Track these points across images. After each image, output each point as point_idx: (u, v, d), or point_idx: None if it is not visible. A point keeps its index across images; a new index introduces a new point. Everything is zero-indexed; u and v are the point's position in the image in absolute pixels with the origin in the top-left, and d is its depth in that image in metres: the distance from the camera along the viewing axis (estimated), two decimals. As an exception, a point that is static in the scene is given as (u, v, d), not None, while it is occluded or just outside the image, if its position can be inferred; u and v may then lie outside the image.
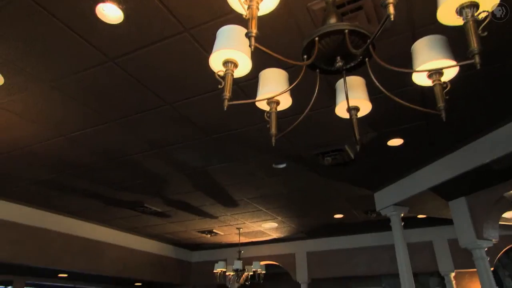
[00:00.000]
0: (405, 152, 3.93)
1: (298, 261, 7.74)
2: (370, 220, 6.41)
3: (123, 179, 4.59)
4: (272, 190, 5.02)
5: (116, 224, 6.62)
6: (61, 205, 5.57)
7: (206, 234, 7.30)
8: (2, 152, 3.79)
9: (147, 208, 5.63)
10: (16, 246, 5.26)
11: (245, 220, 6.43)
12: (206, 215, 6.09)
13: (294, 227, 6.89)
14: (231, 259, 6.95)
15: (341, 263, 7.37)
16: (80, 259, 6.16)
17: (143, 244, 7.53)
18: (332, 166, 4.20)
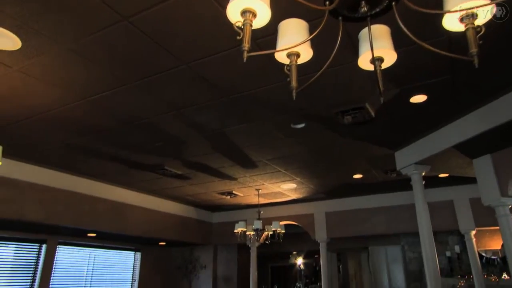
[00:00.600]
0: (428, 109, 3.81)
1: (317, 221, 7.88)
2: (390, 180, 6.38)
3: (144, 142, 4.66)
4: (290, 150, 5.02)
5: (138, 186, 6.83)
6: (86, 169, 5.75)
7: (226, 196, 7.46)
8: (26, 117, 3.88)
9: (168, 170, 5.74)
10: (47, 208, 5.52)
11: (264, 182, 6.51)
12: (226, 177, 6.18)
13: (313, 187, 6.94)
14: (251, 219, 7.12)
15: (360, 223, 7.46)
16: (106, 219, 6.43)
17: (166, 205, 7.78)
18: (352, 125, 4.13)
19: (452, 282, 7.39)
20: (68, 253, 7.24)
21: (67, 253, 7.20)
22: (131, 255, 8.63)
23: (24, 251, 6.50)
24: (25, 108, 3.68)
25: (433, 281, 4.27)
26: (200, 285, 8.87)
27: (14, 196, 5.14)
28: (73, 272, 7.27)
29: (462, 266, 7.72)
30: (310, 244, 10.17)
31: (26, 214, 5.24)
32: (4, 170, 4.92)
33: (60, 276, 6.97)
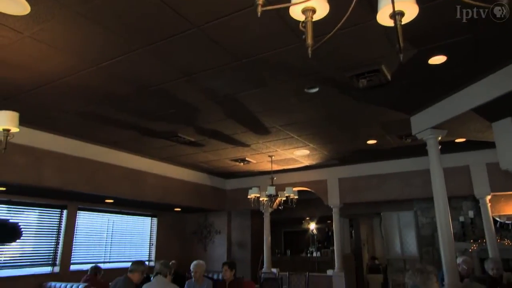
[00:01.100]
0: (448, 70, 3.67)
1: (330, 187, 7.92)
2: (404, 146, 6.30)
3: (156, 109, 4.66)
4: (304, 116, 4.96)
5: (153, 154, 6.91)
6: (101, 137, 5.83)
7: (239, 163, 7.51)
8: (39, 85, 3.89)
9: (181, 137, 5.78)
10: (65, 175, 5.66)
11: (277, 148, 6.51)
12: (238, 144, 6.20)
13: (326, 154, 6.93)
14: (264, 185, 7.18)
15: (373, 188, 7.47)
16: (122, 186, 6.59)
17: (180, 172, 7.91)
18: (367, 89, 4.03)
19: (464, 246, 7.44)
20: (88, 218, 7.50)
21: (87, 218, 7.46)
22: (148, 220, 8.91)
23: (47, 216, 6.76)
24: (38, 76, 3.68)
25: (447, 245, 4.30)
26: (215, 250, 9.15)
27: (32, 163, 5.27)
28: (93, 236, 7.57)
29: (475, 231, 7.74)
30: (322, 210, 10.29)
31: (44, 180, 5.40)
32: (22, 138, 5.00)
33: (81, 239, 7.27)
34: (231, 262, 5.34)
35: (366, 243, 12.47)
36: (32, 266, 6.41)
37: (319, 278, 7.66)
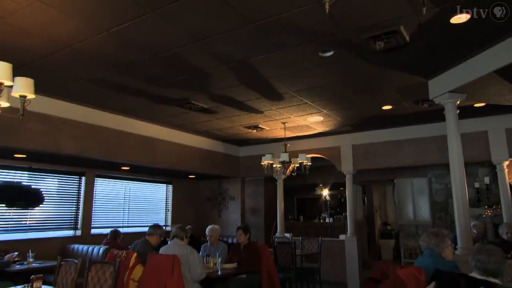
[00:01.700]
0: (470, 30, 3.50)
1: (343, 154, 7.89)
2: (420, 111, 6.16)
3: (168, 75, 4.63)
4: (318, 81, 4.87)
5: (166, 121, 6.95)
6: (114, 104, 5.86)
7: (252, 130, 7.51)
8: (51, 52, 3.89)
9: (194, 104, 5.76)
10: (81, 142, 5.77)
11: (290, 115, 6.46)
12: (252, 110, 6.16)
13: (340, 120, 6.84)
14: (277, 152, 7.19)
15: (387, 155, 7.41)
16: (137, 153, 6.69)
17: (193, 140, 7.96)
18: (383, 51, 3.89)
19: (479, 212, 7.42)
20: (106, 185, 7.71)
21: (104, 185, 7.66)
22: (163, 187, 9.10)
23: (67, 183, 6.97)
24: (49, 42, 3.67)
25: (461, 211, 4.28)
26: (229, 215, 9.36)
27: (49, 131, 5.37)
28: (111, 202, 7.81)
29: (490, 197, 7.68)
30: (335, 177, 10.32)
31: (61, 148, 5.51)
32: (39, 106, 5.07)
33: (100, 205, 7.50)
34: (245, 226, 5.47)
35: (378, 209, 12.57)
36: (56, 230, 6.69)
37: (331, 243, 7.80)
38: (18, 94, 2.82)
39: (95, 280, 3.61)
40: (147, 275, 3.97)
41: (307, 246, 7.22)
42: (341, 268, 7.52)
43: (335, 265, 7.54)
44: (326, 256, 7.39)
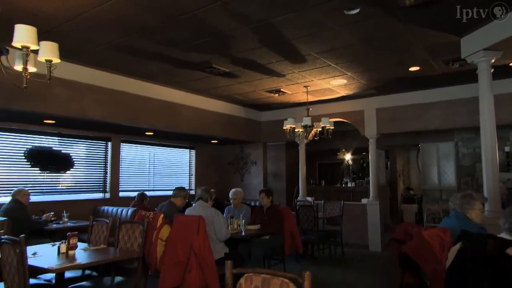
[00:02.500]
0: (510, -19, 3.24)
1: (367, 118, 7.74)
2: (450, 72, 5.89)
3: (189, 38, 4.57)
4: (342, 41, 4.69)
5: (188, 86, 6.95)
6: (137, 69, 5.88)
7: (274, 94, 7.43)
8: (74, 16, 3.88)
9: (215, 68, 5.71)
10: (105, 108, 5.88)
11: (313, 78, 6.32)
12: (274, 74, 6.06)
13: (364, 83, 6.65)
14: (299, 117, 7.12)
15: (413, 118, 7.22)
16: (160, 118, 6.78)
17: (215, 105, 7.98)
18: (413, 7, 3.68)
19: (508, 176, 7.23)
20: (131, 150, 7.91)
21: (130, 150, 7.87)
22: (187, 152, 9.27)
23: (94, 148, 7.20)
24: (71, 7, 3.66)
25: (491, 174, 4.17)
26: (251, 180, 9.49)
27: (75, 96, 5.49)
28: (137, 167, 8.04)
29: (520, 161, 7.45)
30: (358, 141, 10.21)
31: (87, 113, 5.65)
32: (64, 72, 5.14)
33: (127, 169, 7.75)
34: (268, 190, 5.55)
35: (401, 174, 12.45)
36: (87, 192, 7.01)
37: (353, 206, 7.84)
38: (44, 59, 2.86)
39: (126, 238, 3.80)
40: (174, 234, 4.13)
41: (329, 210, 7.30)
42: (363, 231, 7.59)
43: (356, 228, 7.62)
44: (348, 219, 7.46)
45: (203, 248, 3.88)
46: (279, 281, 1.65)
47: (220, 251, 4.23)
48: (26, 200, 5.20)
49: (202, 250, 3.87)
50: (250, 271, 1.75)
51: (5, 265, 2.76)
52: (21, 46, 2.65)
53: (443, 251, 2.50)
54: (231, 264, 1.78)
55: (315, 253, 6.68)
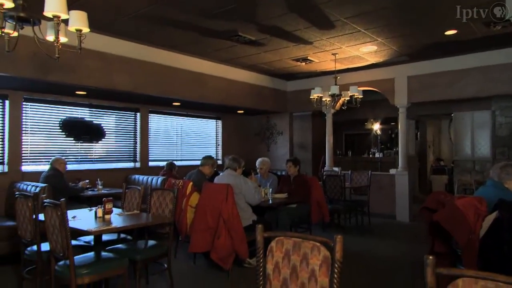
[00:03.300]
0: None
1: (397, 86, 7.48)
2: (491, 35, 5.53)
3: (215, 5, 4.48)
4: (373, 5, 4.47)
5: (214, 56, 6.90)
6: (163, 39, 5.88)
7: (301, 62, 7.26)
8: (100, -15, 3.88)
9: (241, 36, 5.61)
10: (134, 78, 5.95)
11: (342, 45, 6.11)
12: (301, 41, 5.90)
13: (396, 49, 6.38)
14: (326, 86, 6.96)
15: (446, 86, 6.90)
16: (187, 89, 6.81)
17: (242, 75, 7.91)
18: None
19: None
20: (159, 121, 8.05)
21: (158, 121, 8.01)
22: (213, 122, 9.34)
23: (123, 119, 7.37)
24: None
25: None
26: (278, 150, 9.50)
27: (104, 68, 5.58)
28: (165, 137, 8.20)
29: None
30: (387, 111, 9.94)
31: (116, 84, 5.74)
32: (94, 43, 5.23)
33: (155, 140, 7.92)
34: (295, 159, 5.55)
35: (432, 145, 12.11)
36: (118, 162, 7.25)
37: (381, 177, 7.74)
38: (74, 28, 2.89)
39: (157, 204, 3.93)
40: (203, 202, 4.24)
41: (356, 179, 7.25)
42: (390, 201, 7.52)
43: (384, 198, 7.56)
44: (376, 189, 7.39)
45: (232, 215, 3.97)
46: (310, 245, 1.67)
47: (248, 219, 4.32)
48: (63, 168, 5.45)
49: (231, 217, 3.97)
50: (280, 234, 1.78)
51: (48, 226, 2.93)
52: (52, 16, 2.68)
53: (478, 220, 2.44)
54: (262, 228, 1.81)
55: (342, 222, 6.71)
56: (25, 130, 5.86)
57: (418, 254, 4.94)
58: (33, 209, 3.24)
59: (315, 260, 1.64)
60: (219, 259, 4.00)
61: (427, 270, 1.29)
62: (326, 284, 1.59)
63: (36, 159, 6.04)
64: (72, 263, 2.76)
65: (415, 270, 4.36)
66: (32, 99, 5.95)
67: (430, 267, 1.29)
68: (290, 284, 1.69)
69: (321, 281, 1.60)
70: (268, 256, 1.78)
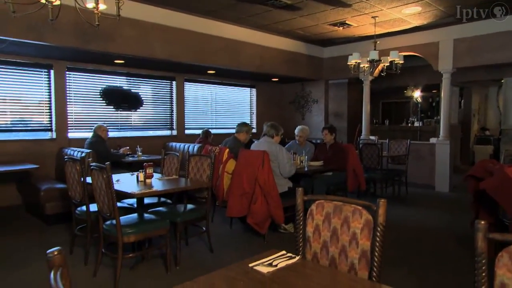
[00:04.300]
0: None
1: (442, 50, 7.03)
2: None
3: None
4: (421, -40, 4.14)
5: (249, 22, 6.76)
6: (199, 5, 5.81)
7: (338, 27, 6.97)
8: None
9: (277, 0, 5.44)
10: (170, 46, 5.98)
11: (382, 7, 5.77)
12: (338, 4, 5.63)
13: (442, 9, 5.94)
14: (365, 52, 6.67)
15: (497, 49, 6.40)
16: (222, 56, 6.77)
17: (276, 41, 7.73)
18: None
19: None
20: (194, 89, 8.12)
21: (193, 89, 8.08)
22: (247, 91, 9.30)
23: (160, 87, 7.50)
24: None
25: None
26: (312, 118, 9.37)
27: (141, 36, 5.63)
28: (200, 105, 8.29)
29: None
30: (428, 77, 9.47)
31: (153, 52, 5.80)
32: (130, 11, 5.26)
33: (190, 108, 8.03)
34: (331, 126, 5.46)
35: (476, 113, 11.49)
36: (155, 130, 7.46)
37: (421, 146, 7.48)
38: (115, -6, 2.90)
39: (195, 170, 4.03)
40: (239, 168, 4.30)
41: (393, 148, 7.06)
42: (429, 171, 7.30)
43: (423, 168, 7.34)
44: (414, 159, 7.18)
45: (268, 181, 4.01)
46: (351, 208, 1.65)
47: (284, 185, 4.35)
48: (105, 135, 5.68)
49: (267, 183, 4.01)
50: (321, 198, 1.77)
51: (95, 188, 3.10)
52: (91, -18, 2.70)
53: (529, 189, 2.31)
54: (302, 191, 1.81)
55: (378, 191, 6.62)
56: (69, 99, 6.12)
57: (459, 224, 4.84)
58: (81, 172, 3.43)
59: (357, 224, 1.62)
60: (255, 223, 4.09)
61: (478, 236, 1.25)
62: (367, 247, 1.59)
63: (80, 126, 6.32)
64: (118, 222, 2.92)
65: (457, 239, 4.26)
66: (75, 69, 6.16)
67: (481, 232, 1.24)
68: (330, 246, 1.70)
69: (362, 244, 1.60)
70: (308, 219, 1.79)
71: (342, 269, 1.64)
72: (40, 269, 3.32)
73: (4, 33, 4.39)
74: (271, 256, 1.59)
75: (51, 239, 4.26)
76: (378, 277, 1.55)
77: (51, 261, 0.89)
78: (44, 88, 5.86)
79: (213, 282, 1.37)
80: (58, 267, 0.87)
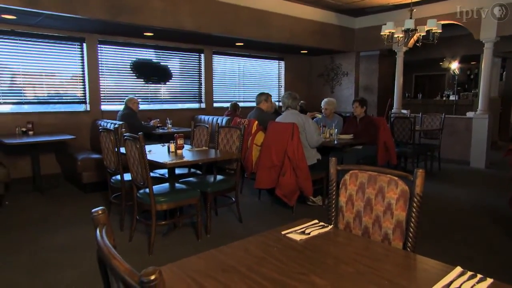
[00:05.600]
0: None
1: (484, 17, 6.57)
2: None
3: None
4: None
5: (278, -9, 6.56)
6: (226, -25, 5.68)
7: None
8: None
9: (308, -33, 5.22)
10: (198, 18, 5.92)
11: (421, -29, 5.43)
12: (374, -31, 5.34)
13: (487, -27, 5.51)
14: (400, 21, 6.33)
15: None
16: (250, 28, 6.64)
17: (306, 12, 7.50)
18: None
19: None
20: (224, 62, 8.07)
21: (221, 62, 8.03)
22: (275, 63, 9.15)
23: (188, 60, 7.50)
24: None
25: None
26: (342, 91, 9.14)
27: (169, 8, 5.59)
28: (228, 78, 8.25)
29: None
30: (465, 48, 8.97)
31: (181, 24, 5.77)
32: (157, -18, 5.23)
33: (219, 81, 8.02)
34: (361, 99, 5.32)
35: (518, 86, 10.81)
36: (184, 102, 7.53)
37: (456, 120, 7.18)
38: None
39: (225, 141, 4.06)
40: (268, 140, 4.29)
41: (427, 123, 6.82)
42: (465, 147, 7.02)
43: (457, 143, 7.07)
44: (449, 133, 6.92)
45: (297, 153, 3.99)
46: (387, 178, 1.62)
47: (313, 158, 4.33)
48: (136, 108, 5.80)
49: (296, 155, 3.99)
50: (355, 168, 1.74)
51: (129, 158, 3.19)
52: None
53: None
54: (335, 161, 1.78)
55: (409, 166, 6.46)
56: (102, 72, 6.24)
57: (496, 201, 4.67)
58: (115, 142, 3.53)
59: (392, 194, 1.59)
60: (283, 195, 4.11)
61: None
62: (402, 217, 1.55)
63: (112, 99, 6.47)
64: (151, 191, 3.01)
65: (492, 217, 4.13)
66: (106, 42, 6.24)
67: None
68: (364, 216, 1.68)
69: (398, 214, 1.57)
70: (341, 189, 1.77)
71: (376, 239, 1.62)
72: (82, 231, 3.53)
73: (39, 6, 4.48)
74: (304, 224, 1.59)
75: (89, 207, 4.47)
76: (413, 247, 1.52)
77: (96, 219, 0.92)
78: (78, 61, 6.00)
79: (247, 247, 1.39)
80: (103, 225, 0.90)
